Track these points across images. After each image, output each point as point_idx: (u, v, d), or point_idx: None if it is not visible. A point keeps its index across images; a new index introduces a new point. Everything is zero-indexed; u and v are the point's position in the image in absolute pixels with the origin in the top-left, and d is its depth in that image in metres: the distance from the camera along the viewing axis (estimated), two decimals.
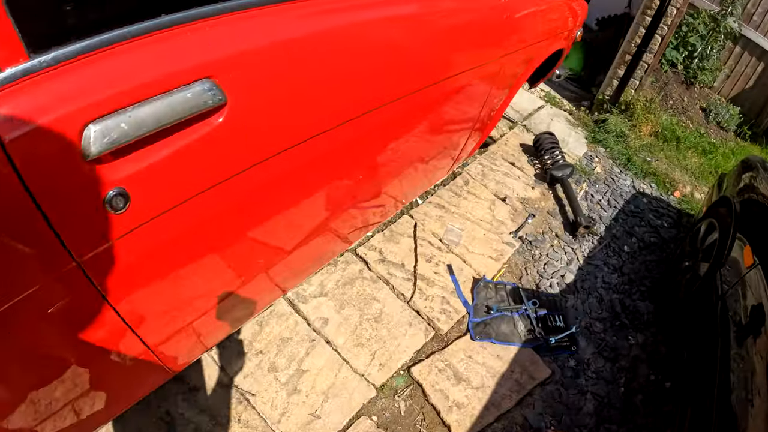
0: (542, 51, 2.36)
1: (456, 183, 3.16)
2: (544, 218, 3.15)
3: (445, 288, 2.54)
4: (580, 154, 3.84)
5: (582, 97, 4.50)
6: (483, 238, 2.87)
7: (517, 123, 3.93)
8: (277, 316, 2.12)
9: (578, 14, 2.73)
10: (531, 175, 3.43)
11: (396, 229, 2.77)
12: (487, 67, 1.84)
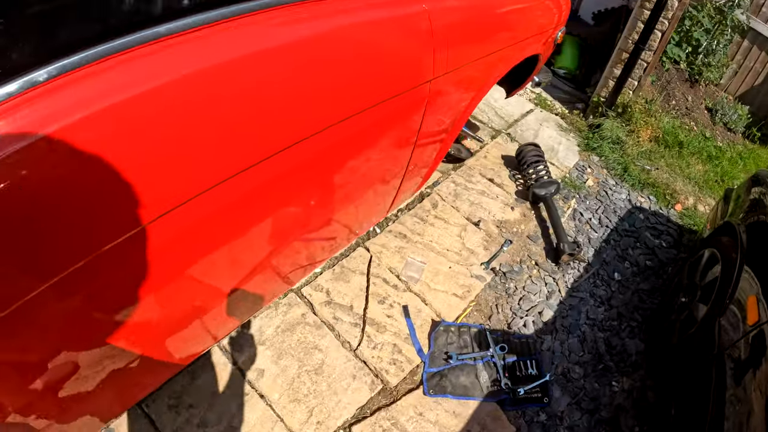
0: (507, 60, 2.02)
1: (422, 206, 2.84)
2: (523, 244, 2.82)
3: (398, 334, 2.25)
4: (571, 165, 3.47)
5: (576, 98, 4.11)
6: (448, 272, 2.55)
7: (500, 131, 3.58)
8: (209, 366, 1.91)
9: (556, 13, 2.37)
10: (512, 193, 3.09)
11: (348, 264, 2.48)
12: (428, 85, 1.53)
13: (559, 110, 3.95)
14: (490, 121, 3.64)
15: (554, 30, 2.43)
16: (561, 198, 3.18)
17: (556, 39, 2.52)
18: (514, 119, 3.74)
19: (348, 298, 2.32)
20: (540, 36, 2.27)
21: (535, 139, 3.59)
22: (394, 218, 2.74)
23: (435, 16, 1.37)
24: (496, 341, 2.33)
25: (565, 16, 2.51)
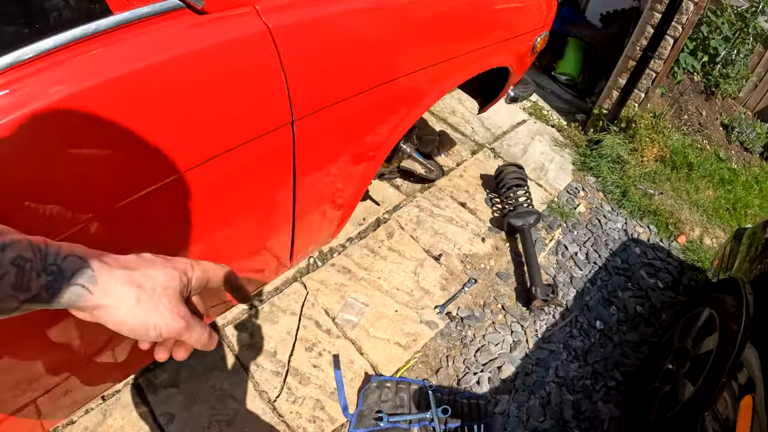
0: (448, 76, 1.64)
1: (376, 236, 2.50)
2: (491, 283, 2.45)
3: (324, 387, 1.94)
4: (562, 187, 3.06)
5: (577, 108, 3.67)
6: (394, 317, 2.21)
7: (483, 146, 3.19)
8: (122, 406, 1.74)
9: (531, 15, 1.98)
10: (485, 221, 2.72)
11: (279, 302, 2.17)
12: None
13: (556, 122, 3.53)
14: (473, 134, 3.26)
15: (530, 35, 2.04)
16: (545, 227, 2.79)
17: (534, 46, 2.12)
18: (501, 131, 3.34)
19: (273, 342, 2.03)
20: (507, 44, 1.88)
21: (524, 155, 3.19)
22: (340, 249, 2.41)
23: (284, 35, 0.99)
24: (439, 401, 1.99)
25: (547, 18, 2.11)
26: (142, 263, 0.53)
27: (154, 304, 0.51)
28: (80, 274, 0.47)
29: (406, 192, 2.75)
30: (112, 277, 0.49)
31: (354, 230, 2.51)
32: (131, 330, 0.50)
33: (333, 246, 2.42)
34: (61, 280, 0.46)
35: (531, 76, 3.85)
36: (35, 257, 0.44)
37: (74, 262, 0.47)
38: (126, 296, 0.49)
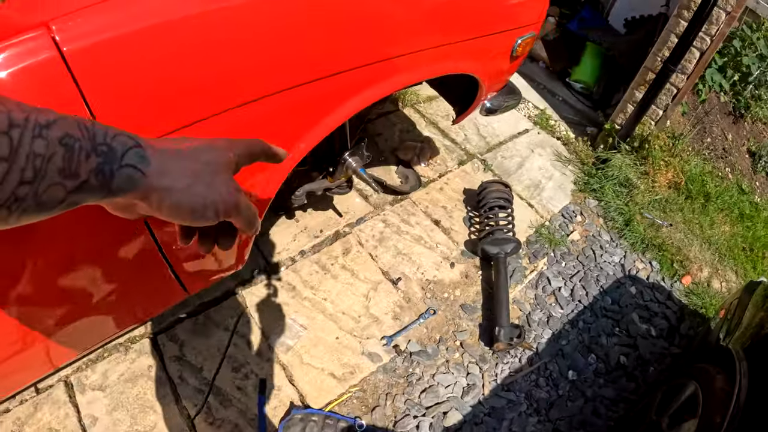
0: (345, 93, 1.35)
1: (330, 251, 2.27)
2: (452, 316, 2.18)
3: (245, 412, 1.78)
4: (557, 209, 2.74)
5: (588, 121, 3.31)
6: (334, 344, 1.99)
7: (474, 156, 2.89)
8: (51, 402, 1.72)
9: (514, 12, 1.68)
10: (459, 243, 2.44)
11: (214, 315, 2.01)
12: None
13: (562, 134, 3.18)
14: (464, 141, 2.96)
15: (507, 36, 1.73)
16: (528, 255, 2.49)
17: (514, 49, 1.81)
18: (498, 141, 3.03)
19: (201, 357, 1.90)
20: (468, 45, 1.57)
21: (519, 169, 2.88)
22: (289, 262, 2.20)
23: (83, 59, 0.76)
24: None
25: (534, 16, 1.79)
26: (188, 142, 0.49)
27: (210, 181, 0.47)
28: (132, 154, 0.42)
29: (374, 203, 2.50)
30: (164, 157, 0.45)
31: (308, 243, 2.29)
32: (189, 211, 0.46)
33: (282, 259, 2.21)
34: (113, 162, 0.40)
35: (543, 80, 3.52)
36: (84, 136, 0.38)
37: (124, 142, 0.42)
38: (181, 176, 0.45)
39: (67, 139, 0.37)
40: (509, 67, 1.91)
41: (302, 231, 2.33)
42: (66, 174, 0.37)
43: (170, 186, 0.45)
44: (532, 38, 1.86)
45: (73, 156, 0.37)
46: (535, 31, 1.84)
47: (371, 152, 1.97)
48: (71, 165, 0.37)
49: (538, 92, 3.45)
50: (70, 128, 0.38)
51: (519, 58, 1.91)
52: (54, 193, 0.37)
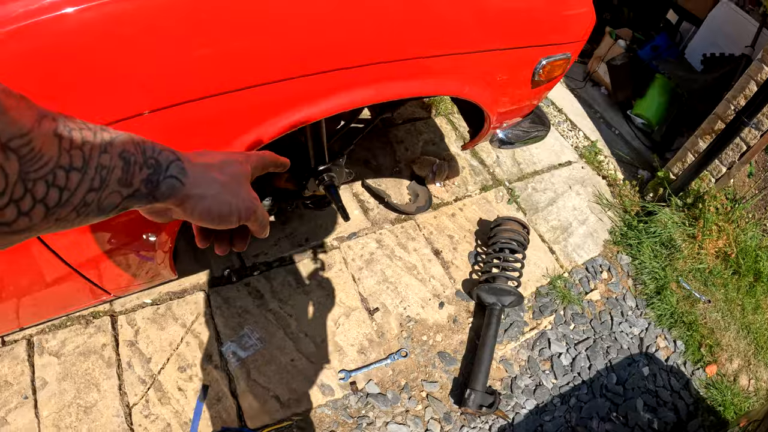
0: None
1: (311, 264, 2.10)
2: (426, 363, 1.96)
3: (180, 414, 1.71)
4: (582, 260, 2.42)
5: (642, 162, 2.90)
6: (287, 366, 1.84)
7: (501, 182, 2.60)
8: (12, 356, 1.75)
9: (538, 23, 1.40)
10: (457, 281, 2.20)
11: (176, 308, 1.94)
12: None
13: (610, 173, 2.81)
14: (494, 164, 2.67)
15: (527, 54, 1.42)
16: (533, 308, 2.20)
17: (536, 73, 1.51)
18: (534, 170, 2.72)
19: (152, 348, 1.86)
20: (462, 61, 1.29)
21: (550, 206, 2.56)
22: (263, 268, 2.05)
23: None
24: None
25: (572, 32, 1.47)
26: (215, 156, 0.56)
27: (235, 191, 0.55)
28: (174, 167, 0.48)
29: (373, 219, 2.29)
30: (198, 169, 0.52)
31: (289, 250, 2.13)
32: (217, 216, 0.53)
33: (258, 262, 2.07)
34: (159, 173, 0.47)
35: (601, 108, 3.13)
36: (137, 151, 0.44)
37: (168, 156, 0.48)
38: (212, 185, 0.53)
39: (125, 154, 0.43)
40: (529, 94, 1.60)
41: (287, 237, 2.17)
42: (123, 183, 0.43)
43: (203, 194, 0.52)
44: (564, 61, 1.54)
45: (130, 168, 0.44)
46: (570, 52, 1.53)
47: (386, 160, 1.76)
48: (128, 176, 0.43)
49: (593, 121, 3.07)
50: (127, 144, 0.44)
51: (546, 84, 1.60)
52: (112, 200, 0.43)
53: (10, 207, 0.33)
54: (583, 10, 1.47)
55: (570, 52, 1.52)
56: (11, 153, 0.32)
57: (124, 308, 1.95)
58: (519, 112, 1.71)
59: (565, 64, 1.56)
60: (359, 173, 2.48)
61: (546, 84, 1.59)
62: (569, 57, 1.54)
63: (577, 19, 1.48)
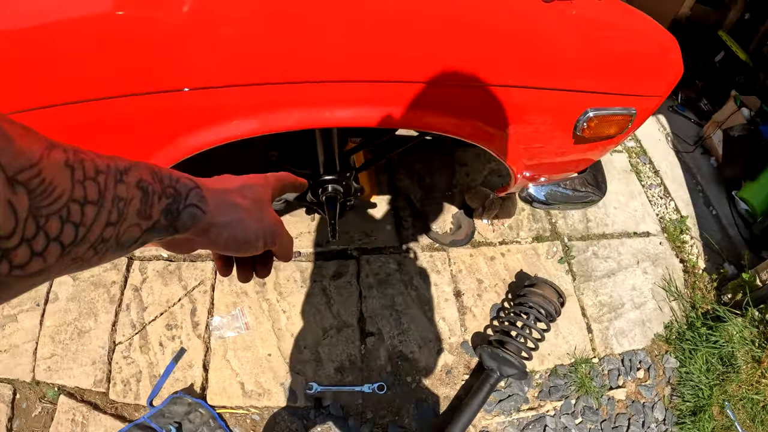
0: None
1: (323, 267, 2.04)
2: (401, 406, 1.84)
3: (153, 367, 1.83)
4: (621, 350, 2.10)
5: (732, 255, 2.41)
6: (263, 358, 1.84)
7: (560, 237, 2.32)
8: None
9: (590, 67, 1.10)
10: (468, 331, 2.02)
11: (185, 270, 2.06)
12: None
13: (691, 257, 2.38)
14: (559, 215, 2.39)
15: (558, 99, 1.11)
16: (541, 387, 1.96)
17: (577, 126, 1.19)
18: (601, 232, 2.38)
19: (151, 299, 1.99)
20: (457, 95, 1.05)
21: (606, 278, 2.25)
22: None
23: None
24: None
25: (626, 80, 1.15)
26: (234, 180, 0.54)
27: (259, 216, 0.53)
28: (193, 195, 0.46)
29: (404, 238, 2.16)
30: (218, 196, 0.49)
31: (307, 247, 2.09)
32: (243, 243, 0.51)
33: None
34: (179, 202, 0.44)
35: (704, 180, 2.67)
36: (154, 180, 0.42)
37: (186, 185, 0.46)
38: (234, 211, 0.50)
39: (142, 183, 0.40)
40: (572, 150, 1.31)
41: (310, 232, 2.12)
42: (142, 215, 0.40)
43: (227, 221, 0.49)
44: (624, 117, 1.21)
45: (148, 198, 0.40)
46: (637, 108, 1.20)
47: (441, 181, 1.60)
48: (146, 207, 0.40)
49: (691, 193, 2.61)
50: (143, 173, 0.40)
51: (595, 143, 1.30)
52: (132, 233, 0.40)
53: (22, 247, 0.30)
54: (668, 57, 1.14)
55: (636, 107, 1.20)
56: (20, 187, 0.29)
57: (142, 255, 2.06)
58: (560, 169, 1.44)
59: (626, 121, 1.23)
60: (409, 187, 2.35)
61: (593, 143, 1.30)
62: (633, 114, 1.20)
63: (653, 66, 1.15)
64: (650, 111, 1.20)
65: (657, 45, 1.11)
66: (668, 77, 1.15)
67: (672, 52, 1.12)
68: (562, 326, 2.07)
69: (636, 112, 1.19)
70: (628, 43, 1.07)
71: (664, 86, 1.15)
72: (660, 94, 1.16)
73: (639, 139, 2.85)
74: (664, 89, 1.16)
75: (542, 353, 1.99)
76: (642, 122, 1.23)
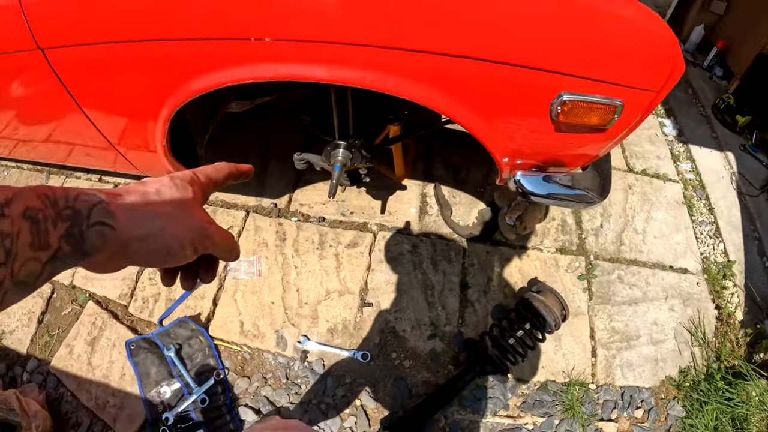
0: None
1: (341, 235, 2.13)
2: (380, 379, 1.88)
3: (172, 291, 2.01)
4: (625, 383, 1.97)
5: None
6: (266, 305, 1.98)
7: (586, 253, 2.23)
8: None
9: (550, 39, 1.03)
10: (466, 325, 2.01)
11: (220, 215, 2.23)
12: None
13: (728, 305, 2.17)
14: (591, 231, 2.28)
15: (526, 76, 1.07)
16: (526, 398, 1.91)
17: (553, 110, 1.12)
18: (633, 257, 2.24)
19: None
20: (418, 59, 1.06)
21: (628, 306, 2.12)
22: (301, 217, 2.15)
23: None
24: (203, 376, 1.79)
25: (610, 64, 1.06)
26: (150, 184, 0.48)
27: (182, 220, 0.47)
28: (97, 211, 0.40)
29: (425, 224, 2.20)
30: (129, 207, 0.44)
31: (332, 214, 2.19)
32: (166, 255, 0.46)
33: (300, 210, 2.19)
34: (80, 223, 0.39)
35: (763, 228, 2.43)
36: (45, 204, 0.37)
37: (87, 200, 0.40)
38: (151, 221, 0.45)
39: (29, 212, 0.35)
40: (553, 137, 1.22)
41: (337, 202, 2.22)
42: (37, 246, 0.36)
43: (143, 234, 0.44)
44: (608, 107, 1.11)
45: (40, 227, 0.36)
46: (624, 100, 1.10)
47: (476, 177, 1.62)
48: (40, 236, 0.36)
49: (746, 240, 2.36)
50: (29, 200, 0.36)
51: (582, 135, 1.21)
52: (30, 269, 0.35)
53: None
54: (662, 49, 1.04)
55: (623, 99, 1.10)
56: None
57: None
58: (548, 156, 1.36)
59: (610, 112, 1.12)
60: (442, 177, 2.37)
61: (567, 131, 1.20)
62: (619, 105, 1.10)
63: (643, 57, 1.05)
64: (643, 106, 1.12)
65: (649, 34, 1.02)
66: (663, 71, 1.06)
67: (668, 44, 1.03)
68: (565, 342, 2.00)
69: (622, 104, 1.10)
70: (614, 28, 1.00)
71: (657, 80, 1.06)
72: (653, 88, 1.08)
73: (700, 172, 2.63)
74: (658, 83, 1.07)
75: (536, 364, 1.94)
76: (635, 118, 1.15)
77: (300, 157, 1.75)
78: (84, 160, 1.77)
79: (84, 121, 1.37)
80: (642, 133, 2.78)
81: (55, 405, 1.77)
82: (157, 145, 1.41)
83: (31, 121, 1.55)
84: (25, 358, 1.88)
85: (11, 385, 1.82)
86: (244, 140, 2.41)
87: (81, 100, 1.25)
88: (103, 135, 1.42)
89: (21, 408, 1.63)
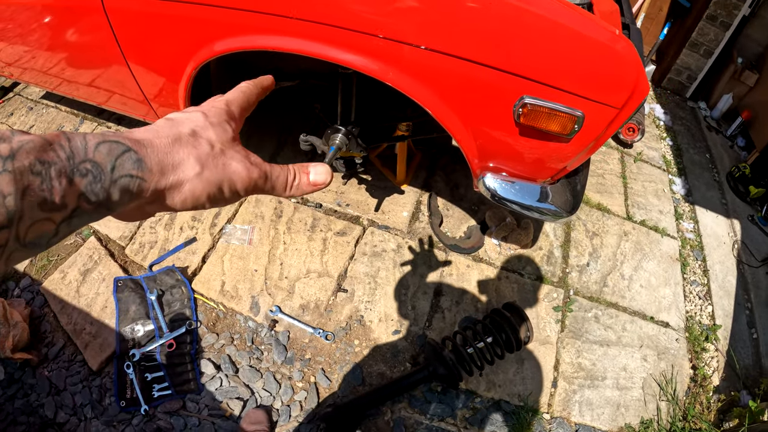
0: None
1: (332, 222, 2.09)
2: (336, 361, 1.80)
3: (167, 242, 2.04)
4: (580, 420, 1.79)
5: (754, 383, 1.90)
6: (249, 272, 1.94)
7: (566, 288, 2.08)
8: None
9: (514, 46, 1.00)
10: (433, 330, 1.91)
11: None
12: None
13: (706, 369, 1.94)
14: (576, 267, 2.14)
15: (492, 77, 1.03)
16: (476, 414, 1.77)
17: (515, 112, 1.07)
18: (616, 302, 2.06)
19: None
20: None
21: (599, 346, 1.95)
22: (299, 200, 2.13)
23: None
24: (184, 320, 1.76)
25: (570, 74, 1.01)
26: (182, 124, 0.39)
27: (220, 161, 0.39)
28: (125, 162, 0.33)
29: (414, 229, 2.12)
30: (160, 151, 0.36)
31: (328, 203, 2.16)
32: (207, 200, 0.39)
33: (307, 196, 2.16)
34: (102, 179, 0.32)
35: (757, 299, 2.24)
36: (59, 157, 0.30)
37: (111, 150, 0.33)
38: (186, 165, 0.37)
39: (38, 167, 0.28)
40: (518, 140, 1.17)
41: (338, 192, 2.19)
42: (50, 207, 0.29)
43: (178, 181, 0.36)
44: (568, 116, 1.04)
45: (53, 184, 0.29)
46: (585, 112, 1.03)
47: (473, 195, 1.58)
48: (51, 195, 0.29)
49: (737, 307, 2.12)
50: (40, 152, 0.29)
51: (545, 143, 1.14)
52: (41, 231, 0.29)
53: None
54: (625, 67, 0.97)
55: (584, 111, 1.03)
56: None
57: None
58: (515, 160, 1.27)
59: (570, 122, 1.05)
60: (440, 189, 2.30)
61: (547, 141, 1.14)
62: (579, 116, 1.03)
63: (606, 73, 0.99)
64: (605, 122, 1.03)
65: (614, 54, 0.94)
66: (625, 89, 0.98)
67: (631, 65, 0.95)
68: (527, 367, 1.85)
69: (583, 116, 1.03)
70: (580, 44, 0.95)
71: (619, 97, 0.98)
72: (614, 104, 0.99)
73: (701, 234, 2.42)
74: (619, 101, 0.98)
75: (493, 381, 1.80)
76: (599, 132, 1.05)
77: (305, 138, 1.73)
78: (120, 108, 1.82)
79: (126, 73, 1.43)
80: (649, 185, 2.61)
81: (36, 322, 1.78)
82: (180, 103, 1.44)
83: (78, 63, 1.61)
84: (20, 276, 1.92)
85: (1, 295, 1.86)
86: (263, 126, 2.44)
87: (126, 50, 1.32)
88: (140, 88, 1.47)
89: (4, 316, 1.65)
